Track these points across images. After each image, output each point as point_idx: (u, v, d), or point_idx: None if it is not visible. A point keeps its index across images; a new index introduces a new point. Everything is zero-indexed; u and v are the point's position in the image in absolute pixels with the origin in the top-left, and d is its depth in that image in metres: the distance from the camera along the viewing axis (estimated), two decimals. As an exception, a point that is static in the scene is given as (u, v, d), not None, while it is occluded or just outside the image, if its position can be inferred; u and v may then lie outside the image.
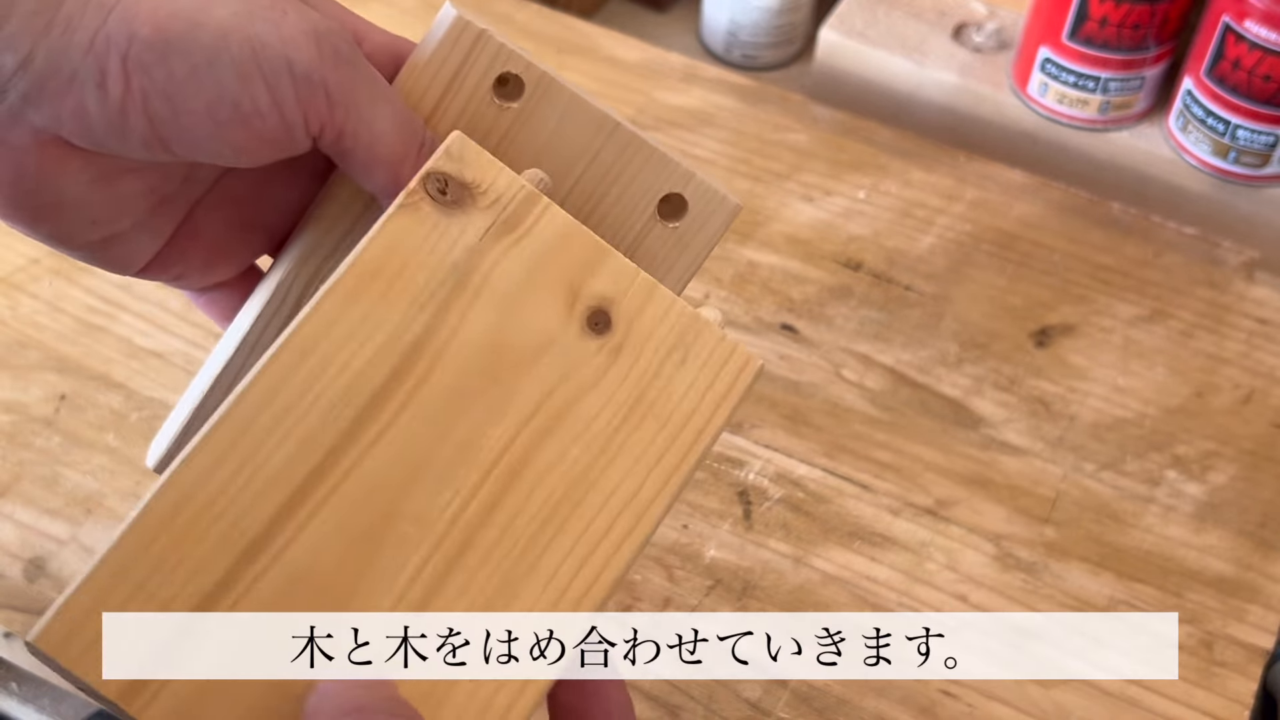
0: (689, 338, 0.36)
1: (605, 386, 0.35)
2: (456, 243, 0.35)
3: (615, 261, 0.36)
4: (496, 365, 0.34)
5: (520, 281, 0.35)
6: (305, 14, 0.35)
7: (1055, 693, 0.51)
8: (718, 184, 0.40)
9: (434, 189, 0.35)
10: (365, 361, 0.33)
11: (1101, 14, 0.67)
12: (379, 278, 0.34)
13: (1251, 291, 0.65)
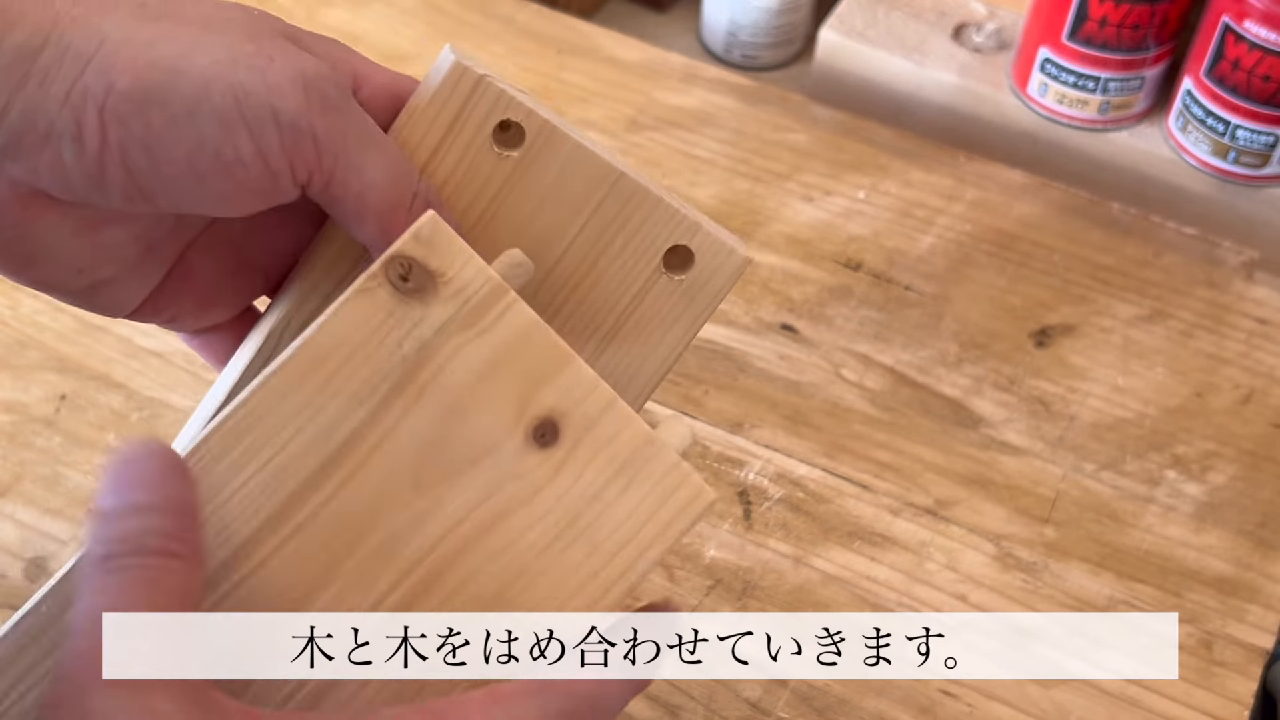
0: (639, 460, 0.34)
1: (540, 503, 0.33)
2: (410, 334, 0.33)
3: (575, 370, 0.34)
4: (428, 470, 0.33)
5: (470, 382, 0.33)
6: (293, 59, 0.34)
7: (1055, 692, 0.51)
8: (725, 235, 0.38)
9: (395, 275, 0.33)
10: (293, 455, 0.32)
11: (1101, 14, 0.67)
12: (324, 365, 0.33)
13: (1251, 291, 0.65)
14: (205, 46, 0.33)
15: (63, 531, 0.54)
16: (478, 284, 0.33)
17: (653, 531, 0.34)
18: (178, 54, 0.32)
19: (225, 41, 0.33)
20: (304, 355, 0.32)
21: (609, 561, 0.34)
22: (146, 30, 0.32)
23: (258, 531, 0.33)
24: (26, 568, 0.53)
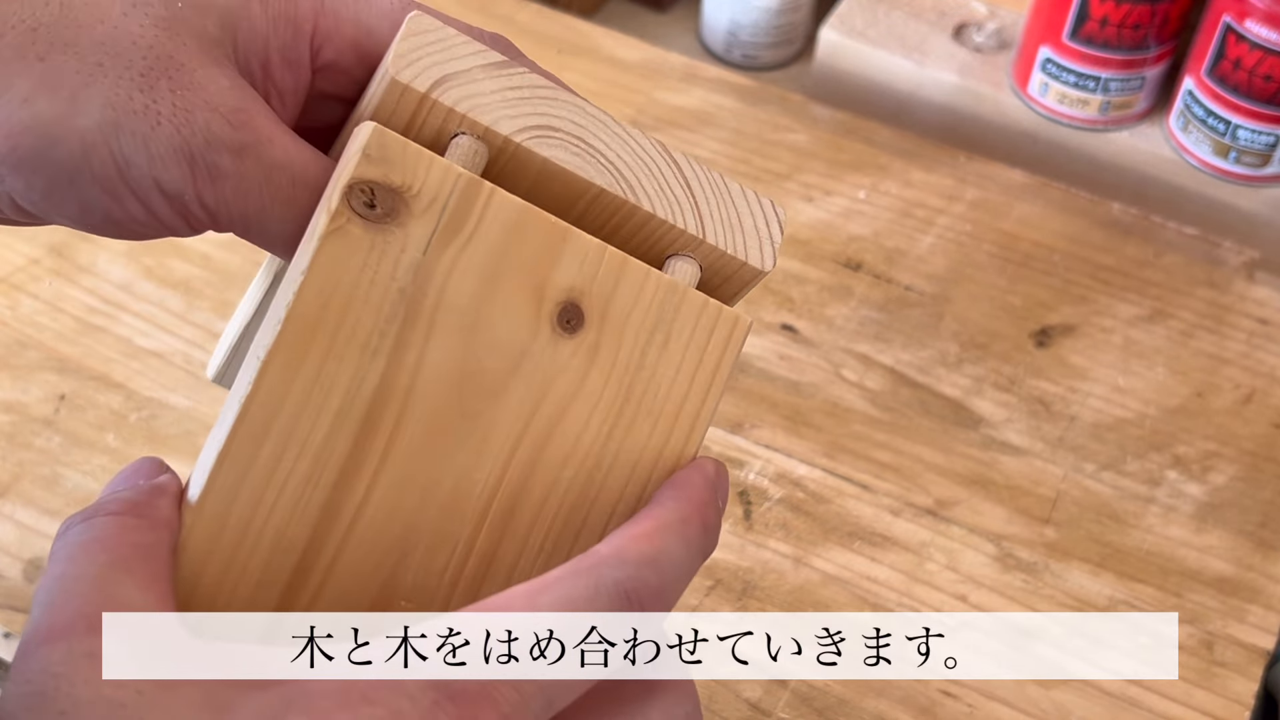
0: (669, 313, 0.32)
1: (588, 393, 0.32)
2: (399, 263, 0.30)
3: (578, 242, 0.32)
4: (469, 397, 0.31)
5: (478, 292, 0.31)
6: (184, 119, 0.31)
7: (1055, 693, 0.51)
8: (733, 239, 0.34)
9: (360, 204, 0.30)
10: (324, 435, 0.30)
11: (1102, 14, 0.67)
12: (320, 329, 0.29)
13: (1252, 291, 0.65)
14: (88, 102, 0.30)
15: (62, 531, 0.54)
16: (449, 185, 0.30)
17: (706, 376, 0.33)
18: (56, 115, 0.30)
19: (113, 91, 0.30)
20: (295, 324, 0.29)
21: (675, 422, 0.32)
22: (27, 77, 0.30)
23: (316, 527, 0.30)
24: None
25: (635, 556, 0.30)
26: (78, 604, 0.26)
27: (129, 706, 0.25)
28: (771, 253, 0.34)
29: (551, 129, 0.32)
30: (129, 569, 0.27)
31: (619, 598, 0.29)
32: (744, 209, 0.34)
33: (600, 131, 0.33)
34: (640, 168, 0.33)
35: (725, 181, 0.34)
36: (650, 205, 0.33)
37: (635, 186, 0.33)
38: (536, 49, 0.74)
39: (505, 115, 0.32)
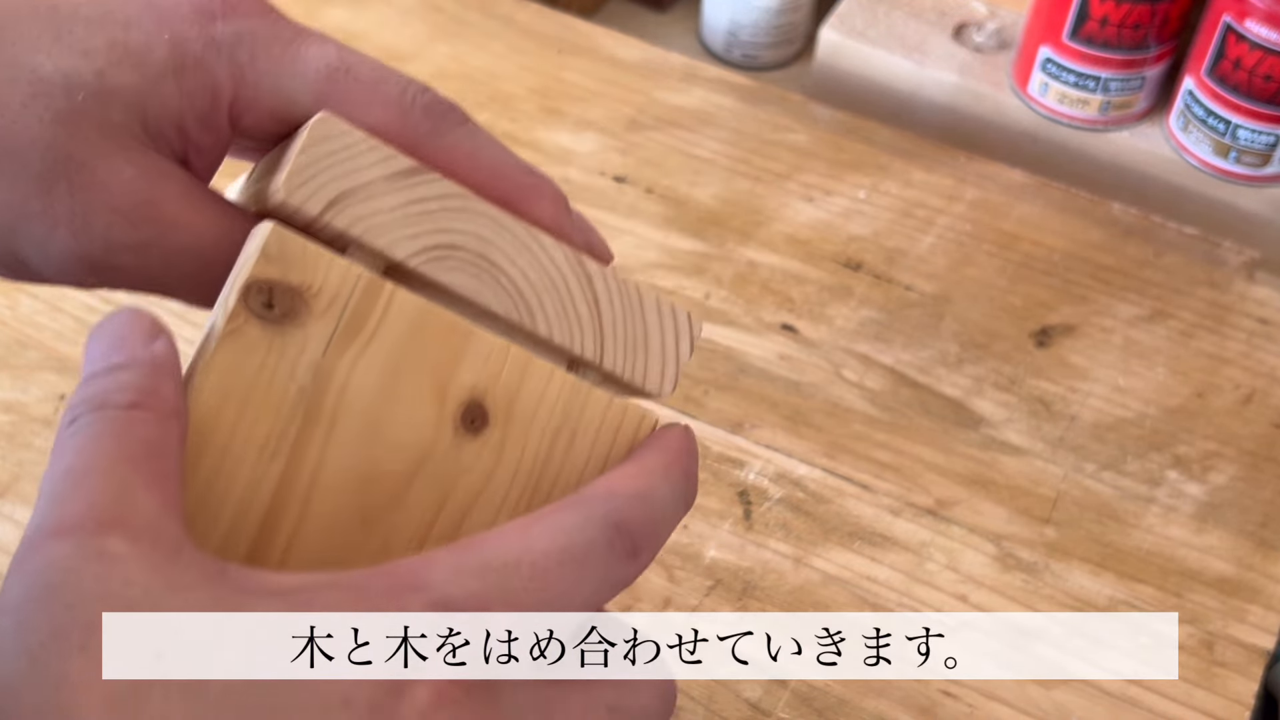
0: (574, 411, 0.32)
1: (494, 490, 0.31)
2: (298, 363, 0.29)
3: (480, 341, 0.31)
4: (369, 504, 0.30)
5: (379, 392, 0.30)
6: (81, 224, 0.30)
7: (1056, 693, 0.51)
8: (633, 362, 0.34)
9: (258, 304, 0.29)
10: (219, 542, 0.29)
11: (1102, 14, 0.67)
12: (217, 430, 0.29)
13: (1252, 291, 0.65)
14: None
15: (62, 531, 0.54)
16: (349, 285, 0.30)
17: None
18: None
19: (10, 193, 0.30)
20: (192, 429, 0.29)
21: None
22: None
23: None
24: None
25: (624, 490, 0.30)
26: (87, 501, 0.26)
27: (137, 603, 0.25)
28: (674, 375, 0.34)
29: (452, 247, 0.31)
30: (138, 467, 0.27)
31: (609, 528, 0.29)
32: (654, 327, 0.34)
33: (508, 246, 0.32)
34: (545, 285, 0.32)
35: (641, 297, 0.34)
36: (548, 329, 0.32)
37: (534, 309, 0.32)
38: (536, 48, 0.74)
39: (403, 235, 0.31)
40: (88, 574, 0.25)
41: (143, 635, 0.24)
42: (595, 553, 0.29)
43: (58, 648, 0.24)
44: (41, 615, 0.24)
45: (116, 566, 0.25)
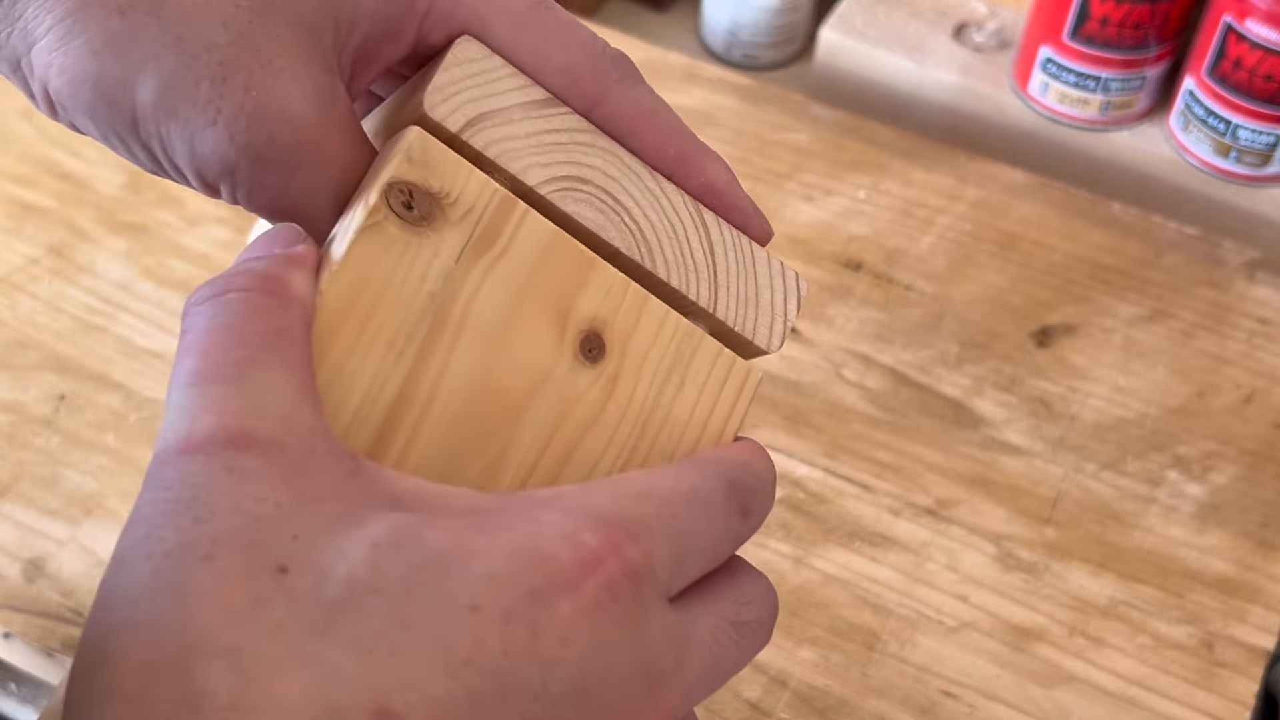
0: (685, 356, 0.32)
1: (605, 423, 0.31)
2: (431, 267, 0.29)
3: (603, 274, 0.31)
4: (489, 414, 0.30)
5: (505, 309, 0.30)
6: (244, 125, 0.29)
7: (1056, 693, 0.51)
8: (744, 314, 0.33)
9: (399, 204, 0.29)
10: (342, 432, 0.28)
11: (1102, 13, 0.67)
12: (349, 319, 0.29)
13: (1253, 291, 0.65)
14: (153, 75, 0.29)
15: (61, 532, 0.54)
16: (485, 199, 0.30)
17: (718, 425, 0.32)
18: (116, 80, 0.29)
19: (182, 73, 0.29)
20: (324, 315, 0.28)
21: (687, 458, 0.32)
22: (103, 28, 0.29)
23: None
24: (25, 568, 0.53)
25: (730, 458, 0.31)
26: (215, 412, 0.26)
27: (266, 520, 0.24)
28: (781, 332, 0.34)
29: (581, 180, 0.32)
30: (265, 364, 0.26)
31: (726, 483, 0.29)
32: (765, 282, 0.34)
33: (632, 186, 0.33)
34: (665, 229, 0.33)
35: (753, 250, 0.34)
36: (665, 272, 0.33)
37: (654, 250, 0.32)
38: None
39: (535, 163, 0.31)
40: (217, 489, 0.25)
41: (269, 549, 0.24)
42: (717, 500, 0.29)
43: (182, 558, 0.24)
44: (169, 527, 0.24)
45: (247, 481, 0.25)
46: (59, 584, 0.52)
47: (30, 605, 0.52)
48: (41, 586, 0.52)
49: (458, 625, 0.24)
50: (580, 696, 0.25)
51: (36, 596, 0.52)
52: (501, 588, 0.25)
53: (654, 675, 0.27)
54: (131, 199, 0.67)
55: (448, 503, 0.27)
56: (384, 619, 0.24)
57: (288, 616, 0.24)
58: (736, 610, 0.30)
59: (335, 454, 0.26)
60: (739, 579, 0.31)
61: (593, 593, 0.25)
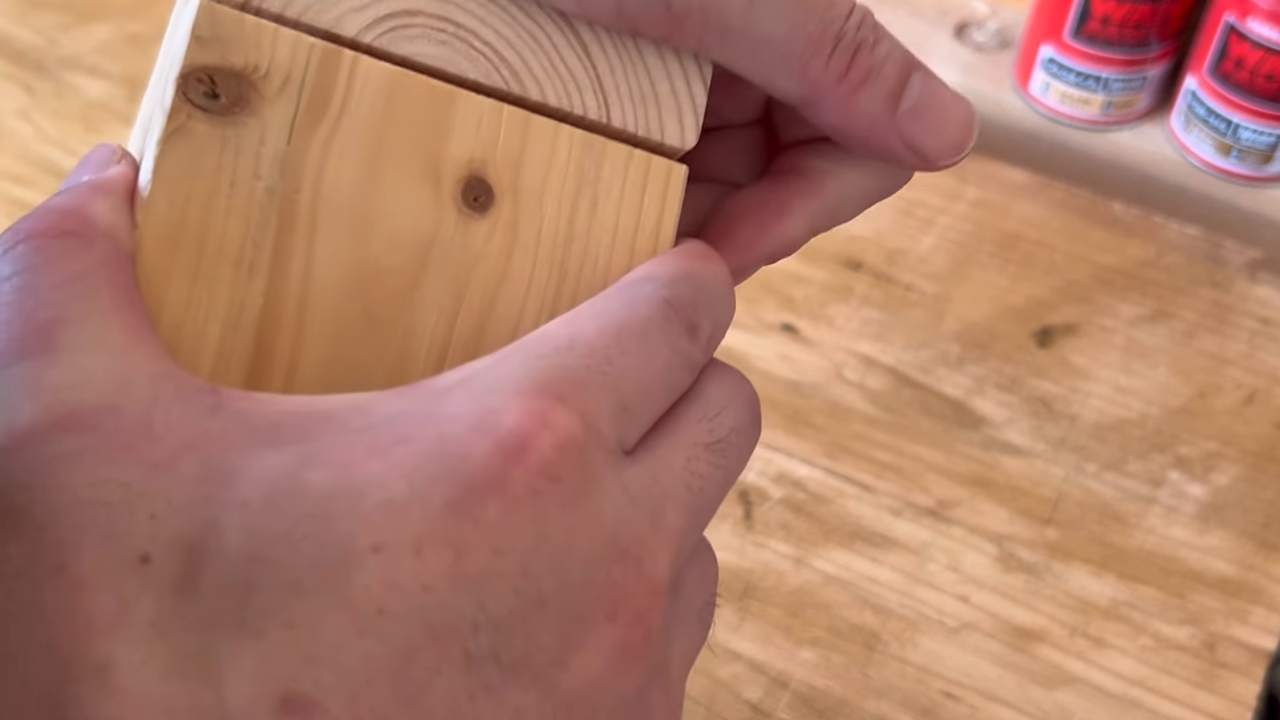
0: (590, 171, 0.27)
1: (516, 276, 0.27)
2: (260, 158, 0.25)
3: (467, 105, 0.26)
4: (376, 303, 0.26)
5: (361, 179, 0.26)
6: None
7: (1057, 694, 0.51)
8: (645, 114, 0.29)
9: (201, 95, 0.24)
10: (209, 369, 0.25)
11: (1104, 13, 0.66)
12: (180, 245, 0.24)
13: (1254, 291, 0.65)
14: None
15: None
16: (302, 59, 0.25)
17: (647, 238, 0.28)
18: None
19: None
20: (148, 251, 0.24)
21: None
22: None
23: None
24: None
25: (664, 273, 0.26)
26: (30, 394, 0.22)
27: (115, 505, 0.21)
28: (693, 123, 0.29)
29: (408, 14, 0.27)
30: (75, 318, 0.23)
31: (659, 304, 0.25)
32: (658, 71, 0.29)
33: (472, 4, 0.27)
34: (525, 41, 0.28)
35: (635, 40, 0.28)
36: (539, 91, 0.27)
37: (519, 70, 0.27)
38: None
39: (349, 9, 0.26)
40: (52, 485, 0.21)
41: (124, 540, 0.21)
42: (653, 327, 0.25)
43: (32, 575, 0.21)
44: (12, 542, 0.21)
45: (83, 466, 0.21)
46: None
47: None
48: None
49: (360, 573, 0.21)
50: (536, 606, 0.22)
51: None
52: (406, 512, 0.21)
53: (628, 545, 0.23)
54: (130, 198, 0.66)
55: (336, 420, 0.23)
56: (272, 591, 0.20)
57: (160, 613, 0.20)
58: (707, 429, 0.26)
59: (185, 395, 0.22)
60: (702, 393, 0.26)
61: (523, 481, 0.22)
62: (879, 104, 0.27)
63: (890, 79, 0.27)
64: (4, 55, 0.73)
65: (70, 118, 0.70)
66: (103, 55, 0.73)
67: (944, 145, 0.28)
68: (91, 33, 0.75)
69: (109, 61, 0.73)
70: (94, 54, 0.74)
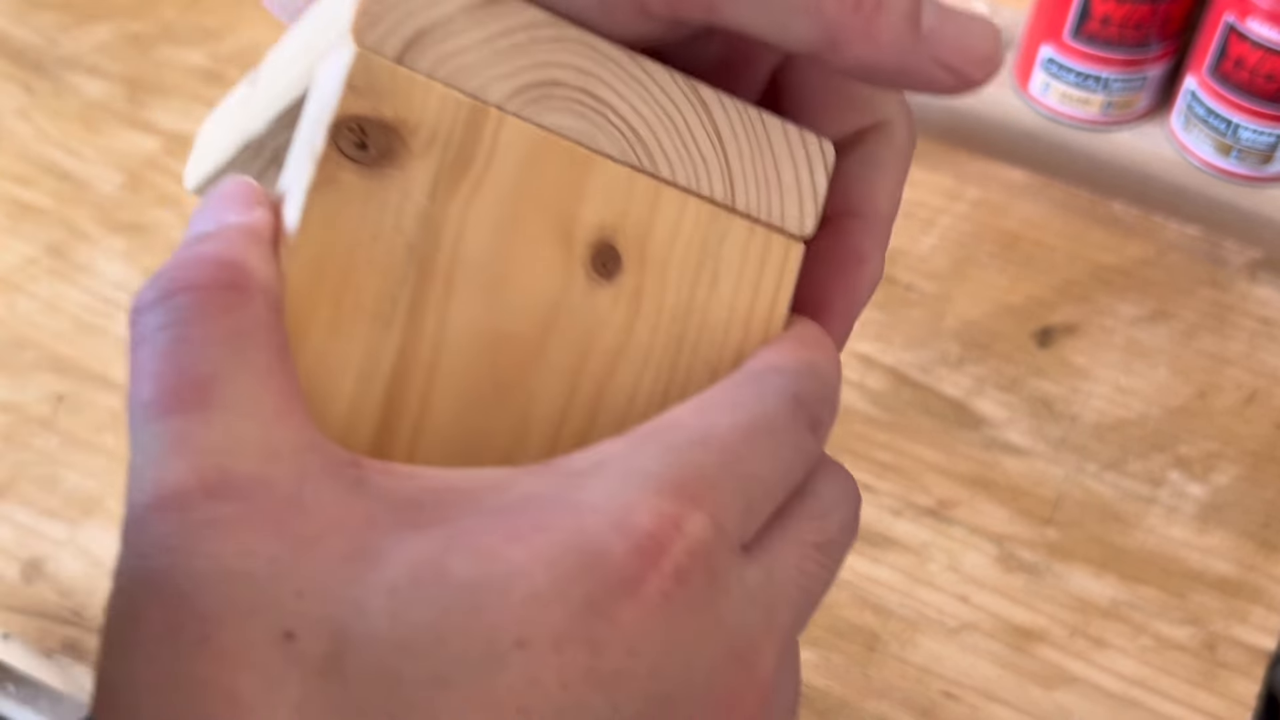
0: (714, 244, 0.27)
1: (636, 345, 0.27)
2: (402, 213, 0.25)
3: (603, 172, 0.27)
4: (502, 366, 0.26)
5: (498, 241, 0.25)
6: None
7: (1057, 694, 0.51)
8: (768, 199, 0.29)
9: (351, 145, 0.24)
10: (342, 424, 0.25)
11: (1104, 13, 0.66)
12: (320, 298, 0.24)
13: (1254, 291, 0.65)
14: None
15: (60, 532, 0.54)
16: (449, 116, 0.25)
17: (763, 314, 0.28)
18: None
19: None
20: (291, 304, 0.24)
21: (736, 363, 0.28)
22: None
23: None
24: (24, 569, 0.53)
25: (788, 364, 0.26)
26: (182, 453, 0.21)
27: (261, 579, 0.20)
28: (814, 211, 0.29)
29: (552, 84, 0.27)
30: (232, 378, 0.22)
31: (789, 399, 0.25)
32: (784, 157, 0.29)
33: (613, 78, 0.27)
34: (659, 120, 0.28)
35: (763, 121, 0.28)
36: (670, 170, 0.28)
37: (652, 148, 0.27)
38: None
39: (495, 75, 0.26)
40: (198, 552, 0.21)
41: (270, 615, 0.20)
42: (781, 424, 0.25)
43: (174, 645, 0.20)
44: (155, 606, 0.21)
45: (232, 536, 0.21)
46: (58, 585, 0.52)
47: (29, 606, 0.52)
48: (40, 587, 0.52)
49: (505, 670, 0.20)
50: (661, 708, 0.22)
51: (35, 597, 0.52)
52: (549, 609, 0.21)
53: (745, 648, 0.23)
54: (130, 199, 0.66)
55: (472, 500, 0.22)
56: (418, 683, 0.20)
57: (306, 695, 0.20)
58: (818, 529, 0.26)
59: (332, 470, 0.22)
60: (814, 490, 0.26)
61: (657, 586, 0.22)
62: (901, 27, 0.26)
63: (904, 2, 0.26)
64: (4, 55, 0.73)
65: (70, 117, 0.70)
66: (102, 55, 0.73)
67: (978, 58, 0.27)
68: (91, 33, 0.75)
69: (109, 61, 0.73)
70: (94, 54, 0.74)
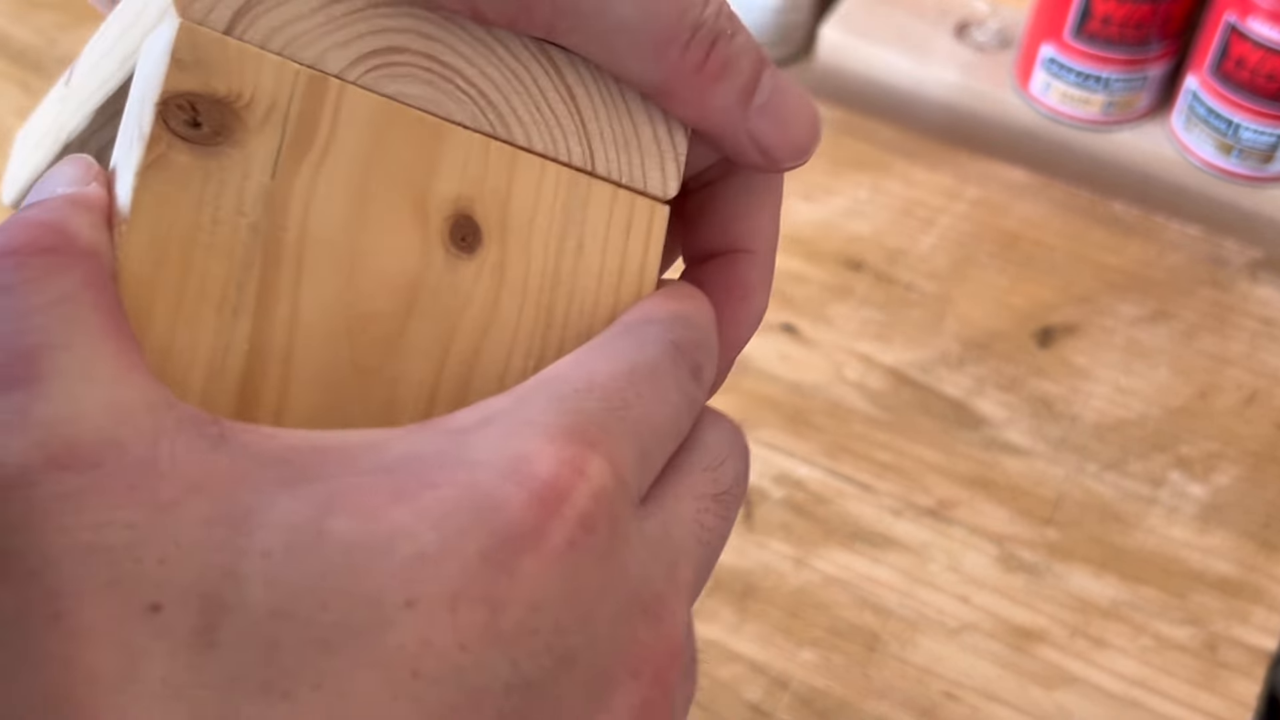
0: (577, 211, 0.26)
1: (503, 319, 0.26)
2: (244, 192, 0.23)
3: (455, 141, 0.25)
4: (363, 348, 0.24)
5: (348, 217, 0.24)
6: None
7: (1058, 695, 0.51)
8: (629, 162, 0.28)
9: (182, 124, 0.23)
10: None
11: (1104, 12, 0.66)
12: (160, 286, 0.23)
13: (1255, 291, 0.65)
14: None
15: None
16: (287, 86, 0.24)
17: (632, 281, 0.27)
18: None
19: None
20: (128, 284, 0.22)
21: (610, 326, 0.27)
22: None
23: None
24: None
25: (665, 315, 0.25)
26: (20, 428, 0.20)
27: (117, 549, 0.19)
28: (675, 171, 0.28)
29: (394, 50, 0.25)
30: (64, 344, 0.20)
31: (667, 345, 0.25)
32: (641, 117, 0.28)
33: (459, 43, 0.26)
34: (510, 84, 0.26)
35: (619, 85, 0.27)
36: (525, 135, 0.26)
37: (505, 113, 0.26)
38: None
39: (333, 44, 0.25)
40: (49, 528, 0.19)
41: (132, 586, 0.19)
42: (663, 369, 0.24)
43: (23, 625, 0.19)
44: (3, 590, 0.19)
45: (83, 508, 0.19)
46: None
47: None
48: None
49: (393, 631, 0.19)
50: (566, 665, 0.20)
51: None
52: (440, 566, 0.20)
53: (651, 601, 0.22)
54: (130, 198, 0.66)
55: (347, 459, 0.21)
56: (298, 649, 0.19)
57: (174, 669, 0.19)
58: (712, 480, 0.25)
59: (189, 428, 0.20)
60: (703, 441, 0.25)
61: (562, 535, 0.20)
62: (733, 98, 0.26)
63: (745, 73, 0.26)
64: (3, 55, 0.73)
65: (70, 117, 0.70)
66: (102, 55, 0.73)
67: (791, 146, 0.27)
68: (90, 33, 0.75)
69: (108, 61, 0.73)
70: (93, 53, 0.73)
